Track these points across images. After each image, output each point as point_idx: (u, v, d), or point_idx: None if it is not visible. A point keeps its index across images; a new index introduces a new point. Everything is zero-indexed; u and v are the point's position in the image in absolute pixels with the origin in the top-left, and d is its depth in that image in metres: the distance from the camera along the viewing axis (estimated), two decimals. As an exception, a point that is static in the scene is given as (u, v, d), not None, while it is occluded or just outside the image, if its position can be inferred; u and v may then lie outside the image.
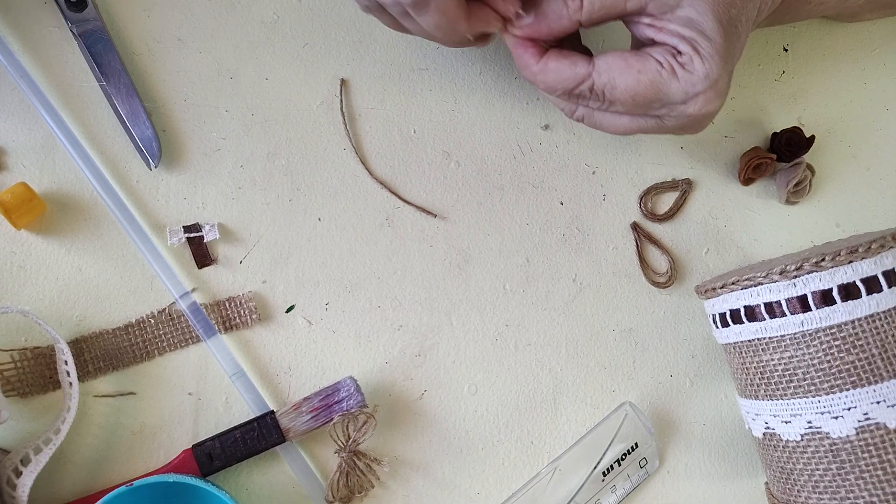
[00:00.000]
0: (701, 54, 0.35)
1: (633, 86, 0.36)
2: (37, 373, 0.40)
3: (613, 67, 0.36)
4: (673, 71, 0.35)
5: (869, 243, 0.36)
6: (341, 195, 0.45)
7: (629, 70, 0.35)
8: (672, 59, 0.35)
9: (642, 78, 0.35)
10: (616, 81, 0.36)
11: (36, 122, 0.42)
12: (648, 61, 0.36)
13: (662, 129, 0.39)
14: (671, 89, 0.36)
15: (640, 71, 0.35)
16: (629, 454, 0.43)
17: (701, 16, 0.35)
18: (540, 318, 0.45)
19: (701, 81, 0.35)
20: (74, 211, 0.42)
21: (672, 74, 0.35)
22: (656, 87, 0.35)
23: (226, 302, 0.42)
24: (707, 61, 0.35)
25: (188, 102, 0.44)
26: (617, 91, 0.36)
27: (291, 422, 0.40)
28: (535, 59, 0.37)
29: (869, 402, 0.36)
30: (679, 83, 0.35)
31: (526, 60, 0.37)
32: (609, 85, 0.36)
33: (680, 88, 0.35)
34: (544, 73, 0.37)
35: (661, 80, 0.35)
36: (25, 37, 0.43)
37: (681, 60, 0.35)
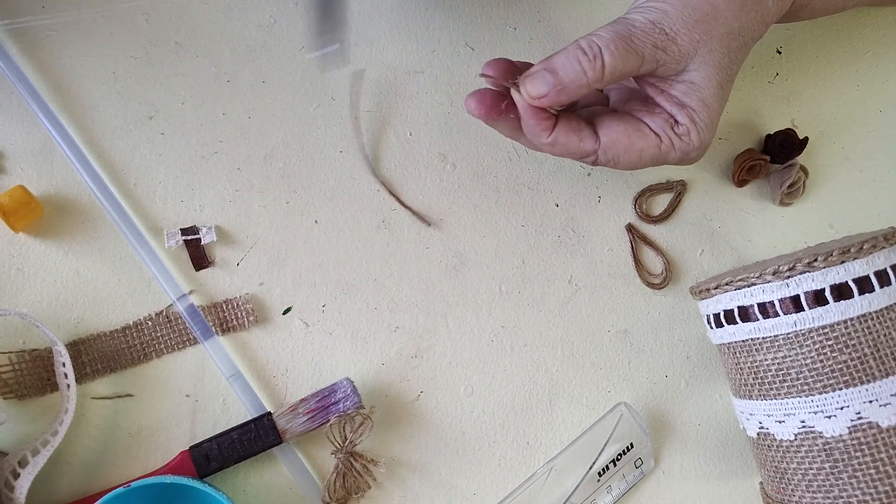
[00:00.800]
0: (697, 126, 0.37)
1: (635, 161, 0.38)
2: (34, 375, 0.40)
3: (618, 146, 0.38)
4: (672, 145, 0.38)
5: (861, 244, 0.37)
6: (338, 198, 0.45)
7: (632, 148, 0.38)
8: (670, 132, 0.38)
9: (644, 155, 0.38)
10: (620, 158, 0.38)
11: (34, 126, 0.42)
12: (649, 138, 0.38)
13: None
14: (669, 158, 0.38)
15: (643, 150, 0.38)
16: (624, 454, 0.44)
17: (705, 80, 0.37)
18: (535, 319, 0.45)
19: (695, 150, 0.38)
20: (72, 214, 0.42)
21: (671, 147, 0.38)
22: (656, 160, 0.38)
23: (223, 304, 0.43)
24: (702, 132, 0.38)
25: (185, 105, 0.44)
26: (620, 164, 0.39)
27: (288, 423, 0.41)
28: (547, 132, 0.37)
29: (861, 401, 0.36)
30: (676, 153, 0.38)
31: (538, 132, 0.38)
32: (613, 160, 0.38)
33: (676, 157, 0.38)
34: (552, 146, 0.38)
35: (661, 154, 0.38)
36: (22, 40, 0.43)
37: (678, 131, 0.38)
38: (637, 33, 0.36)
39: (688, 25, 0.36)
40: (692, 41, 0.36)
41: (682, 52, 0.36)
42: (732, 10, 0.37)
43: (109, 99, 0.43)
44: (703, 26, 0.36)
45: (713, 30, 0.36)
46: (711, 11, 0.36)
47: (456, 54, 0.47)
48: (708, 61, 0.37)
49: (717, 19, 0.36)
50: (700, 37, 0.36)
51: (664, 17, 0.36)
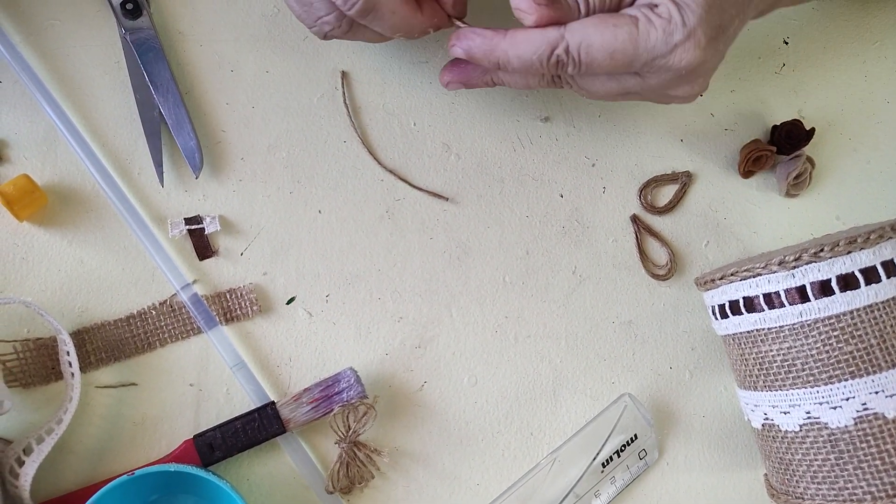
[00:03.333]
0: (678, 4, 0.34)
1: (609, 42, 0.34)
2: (39, 364, 0.40)
3: (587, 25, 0.34)
4: (649, 21, 0.34)
5: (868, 234, 0.36)
6: (341, 187, 0.45)
7: (604, 25, 0.34)
8: (648, 11, 0.34)
9: (619, 32, 0.34)
10: (591, 39, 0.34)
11: (38, 115, 0.42)
12: (623, 16, 0.34)
13: (646, 90, 0.37)
14: (650, 41, 0.34)
15: (616, 25, 0.34)
16: (628, 445, 0.44)
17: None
18: (540, 310, 0.45)
19: (679, 30, 0.34)
20: (76, 203, 0.42)
21: (649, 24, 0.34)
22: (634, 41, 0.34)
23: (227, 293, 0.43)
24: (684, 10, 0.34)
25: (189, 95, 0.44)
26: (593, 49, 0.34)
27: (292, 412, 0.41)
28: (502, 34, 0.35)
29: (867, 392, 0.36)
30: (658, 32, 0.34)
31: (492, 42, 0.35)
32: (584, 44, 0.34)
33: (659, 38, 0.34)
34: (515, 46, 0.35)
35: (639, 33, 0.34)
36: (26, 30, 0.43)
37: (658, 11, 0.34)
38: None
39: None
40: None
41: None
42: None
43: (113, 88, 0.43)
44: None
45: None
46: None
47: (460, 44, 0.47)
48: None
49: None
50: None
51: None
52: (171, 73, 0.43)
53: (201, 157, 0.43)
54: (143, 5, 0.43)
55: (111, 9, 0.43)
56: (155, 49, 0.43)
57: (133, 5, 0.43)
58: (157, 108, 0.43)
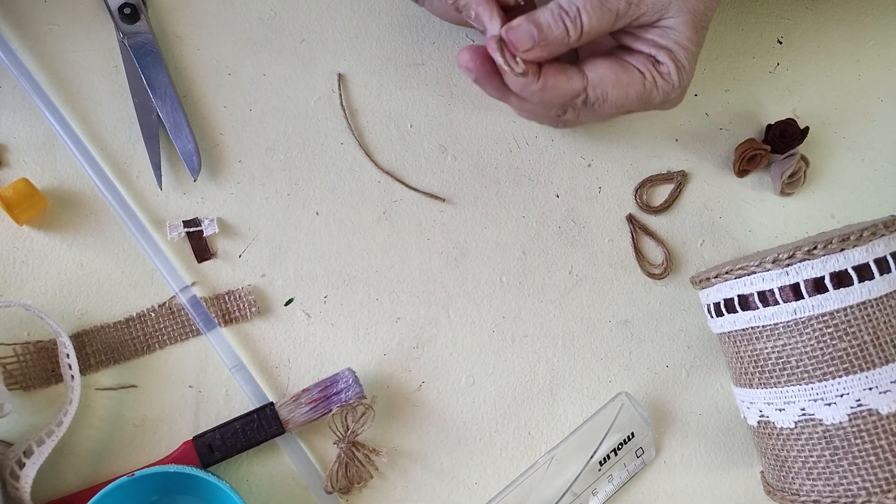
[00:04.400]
0: (678, 65, 0.39)
1: (622, 99, 0.39)
2: (39, 366, 0.41)
3: (606, 82, 0.39)
4: (654, 83, 0.39)
5: (860, 231, 0.37)
6: (339, 189, 0.45)
7: (619, 85, 0.39)
8: (654, 70, 0.39)
9: (631, 92, 0.39)
10: (608, 95, 0.39)
11: (37, 119, 0.43)
12: (634, 75, 0.39)
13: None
14: (652, 98, 0.39)
15: (629, 85, 0.39)
16: (625, 444, 0.44)
17: (681, 25, 0.38)
18: (536, 310, 0.46)
19: (676, 90, 0.39)
20: (75, 206, 0.43)
21: (654, 86, 0.39)
22: (641, 97, 0.39)
23: (225, 295, 0.43)
24: (682, 72, 0.39)
25: (187, 99, 0.44)
26: (607, 103, 0.39)
27: (291, 413, 0.41)
28: (535, 76, 0.38)
29: (861, 388, 0.36)
30: (658, 92, 0.39)
31: (528, 81, 0.38)
32: (601, 98, 0.39)
33: (659, 98, 0.39)
34: (543, 91, 0.38)
35: (645, 92, 0.39)
36: (25, 34, 0.43)
37: (660, 70, 0.39)
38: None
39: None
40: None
41: (655, 4, 0.37)
42: None
43: (111, 92, 0.44)
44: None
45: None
46: None
47: (457, 45, 0.47)
48: (683, 9, 0.38)
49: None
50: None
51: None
52: (169, 77, 0.43)
53: (199, 160, 0.43)
54: (141, 9, 0.43)
55: (109, 13, 0.43)
56: (153, 53, 0.43)
57: (131, 10, 0.43)
58: (155, 111, 0.43)
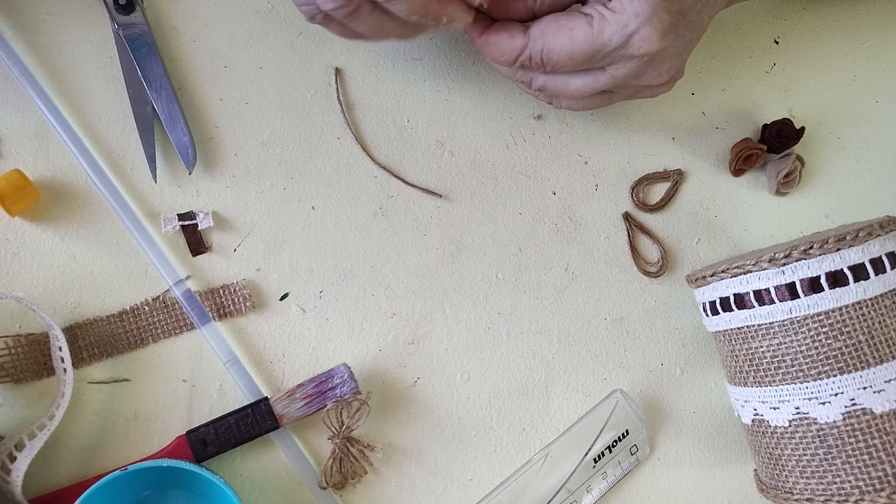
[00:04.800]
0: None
1: (567, 45, 0.36)
2: (31, 359, 0.40)
3: (547, 32, 0.36)
4: (603, 17, 0.35)
5: (856, 231, 0.37)
6: (335, 184, 0.45)
7: (561, 30, 0.36)
8: (601, 7, 0.36)
9: (575, 35, 0.35)
10: (551, 45, 0.36)
11: (30, 110, 0.42)
12: (578, 17, 0.36)
13: (617, 84, 0.38)
14: (605, 36, 0.35)
15: (572, 28, 0.36)
16: (620, 441, 0.44)
17: None
18: (532, 306, 0.46)
19: (632, 19, 0.35)
20: (69, 198, 0.42)
21: (602, 21, 0.35)
22: (590, 40, 0.35)
23: (220, 289, 0.43)
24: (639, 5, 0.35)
25: (182, 91, 0.44)
26: (554, 54, 0.36)
27: (285, 408, 0.41)
28: (479, 32, 0.38)
29: (855, 387, 0.36)
30: (611, 26, 0.35)
31: (470, 35, 0.39)
32: (545, 50, 0.36)
33: (614, 32, 0.35)
34: (486, 46, 0.38)
35: (593, 32, 0.35)
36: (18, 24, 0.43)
37: (611, 6, 0.35)
38: None
39: None
40: None
41: None
42: None
43: (106, 83, 0.43)
44: None
45: None
46: None
47: (453, 41, 0.47)
48: None
49: None
50: None
51: None
52: (165, 69, 0.43)
53: (194, 153, 0.43)
54: (137, 1, 0.43)
55: (104, 4, 0.43)
56: (148, 44, 0.43)
57: (126, 1, 0.43)
58: (150, 103, 0.43)
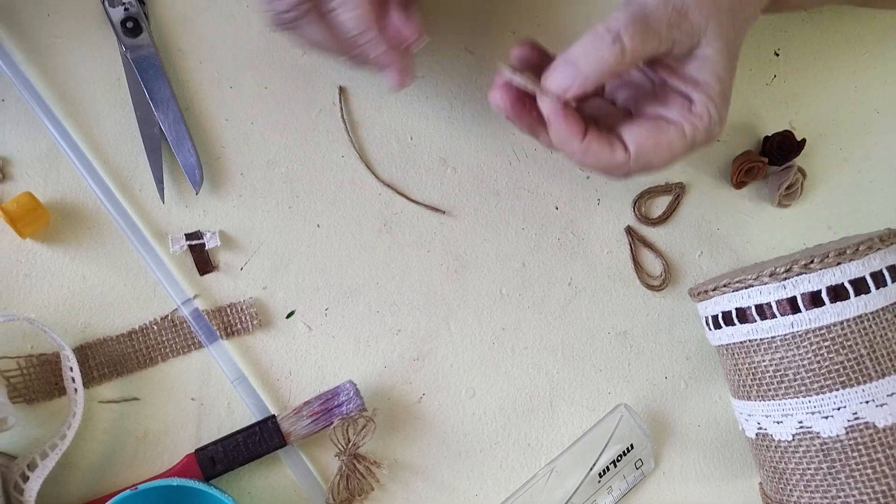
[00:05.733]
0: (714, 100, 0.37)
1: (667, 158, 0.38)
2: (43, 379, 0.41)
3: (647, 150, 0.37)
4: (695, 128, 0.37)
5: (856, 245, 0.37)
6: (340, 202, 0.45)
7: (660, 148, 0.37)
8: (689, 116, 0.37)
9: (674, 148, 0.37)
10: (652, 161, 0.38)
11: (40, 133, 0.43)
12: (671, 130, 0.37)
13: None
14: (697, 142, 0.38)
15: (671, 144, 0.37)
16: (625, 455, 0.44)
17: (717, 54, 0.37)
18: (536, 321, 0.46)
19: (717, 125, 0.38)
20: (78, 220, 0.43)
21: (695, 130, 0.37)
22: (686, 148, 0.38)
23: (227, 308, 0.43)
24: (719, 106, 0.37)
25: (188, 112, 0.45)
26: (655, 167, 0.38)
27: (292, 426, 0.41)
28: (580, 137, 0.37)
29: (858, 401, 0.37)
30: (702, 134, 0.37)
31: (571, 136, 0.37)
32: (646, 166, 0.38)
33: (703, 138, 0.38)
34: (584, 155, 0.37)
35: (688, 141, 0.37)
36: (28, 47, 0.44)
37: (696, 111, 0.37)
38: (652, 13, 0.36)
39: (697, 1, 0.36)
40: (703, 15, 0.36)
41: (694, 27, 0.36)
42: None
43: (114, 105, 0.44)
44: (710, 1, 0.36)
45: (720, 3, 0.36)
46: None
47: (456, 58, 0.47)
48: (718, 35, 0.37)
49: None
50: (709, 10, 0.36)
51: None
52: (171, 90, 0.44)
53: (201, 173, 0.43)
54: (143, 23, 0.44)
55: (112, 27, 0.44)
56: (155, 66, 0.44)
57: (133, 23, 0.43)
58: (157, 124, 0.43)
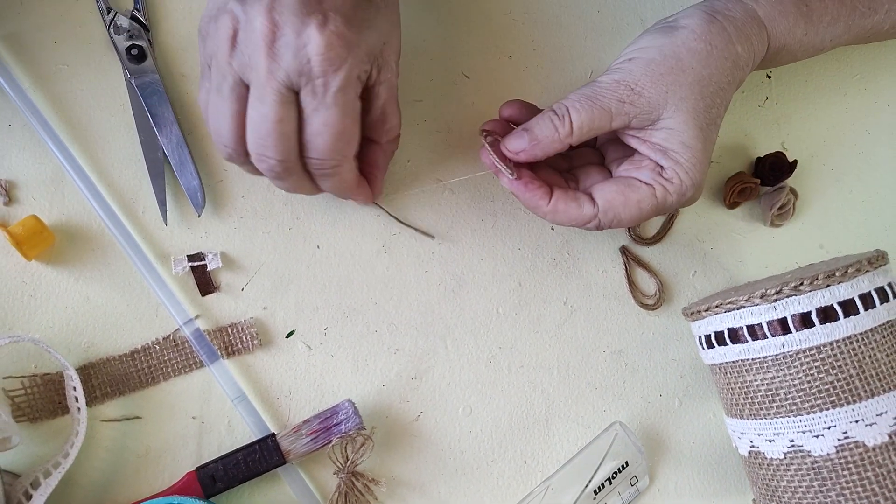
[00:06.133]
0: (683, 166, 0.39)
1: (636, 215, 0.40)
2: (46, 398, 0.42)
3: (615, 204, 0.40)
4: (666, 190, 0.40)
5: (845, 268, 0.38)
6: (339, 223, 0.46)
7: (629, 204, 0.40)
8: (660, 179, 0.40)
9: (643, 206, 0.40)
10: (621, 216, 0.40)
11: (46, 157, 0.44)
12: (641, 190, 0.40)
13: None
14: (668, 203, 0.40)
15: (640, 201, 0.40)
16: (620, 472, 0.45)
17: (681, 125, 0.39)
18: (532, 340, 0.47)
19: (689, 189, 0.40)
20: (83, 242, 0.44)
21: (665, 193, 0.40)
22: (655, 208, 0.40)
23: (228, 328, 0.44)
24: (689, 171, 0.39)
25: (192, 136, 0.45)
26: (623, 222, 0.40)
27: (292, 444, 0.42)
28: (545, 200, 0.40)
29: (848, 420, 0.37)
30: (673, 197, 0.40)
31: (536, 202, 0.41)
32: (616, 220, 0.40)
33: (675, 201, 0.40)
34: (554, 214, 0.41)
35: (659, 202, 0.40)
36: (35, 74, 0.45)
37: (666, 176, 0.40)
38: (602, 91, 0.39)
39: (653, 79, 0.39)
40: (659, 92, 0.39)
41: (650, 102, 0.39)
42: (699, 60, 0.39)
43: (119, 130, 0.45)
44: (670, 77, 0.39)
45: (681, 79, 0.39)
46: (676, 64, 0.39)
47: (453, 83, 0.48)
48: (681, 107, 0.39)
49: (684, 70, 0.39)
50: (668, 87, 0.39)
51: (628, 74, 0.39)
52: (175, 115, 0.45)
53: (204, 196, 0.44)
54: (148, 50, 0.45)
55: (117, 54, 0.45)
56: (159, 92, 0.45)
57: (138, 50, 0.45)
58: (160, 148, 0.44)
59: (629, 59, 0.40)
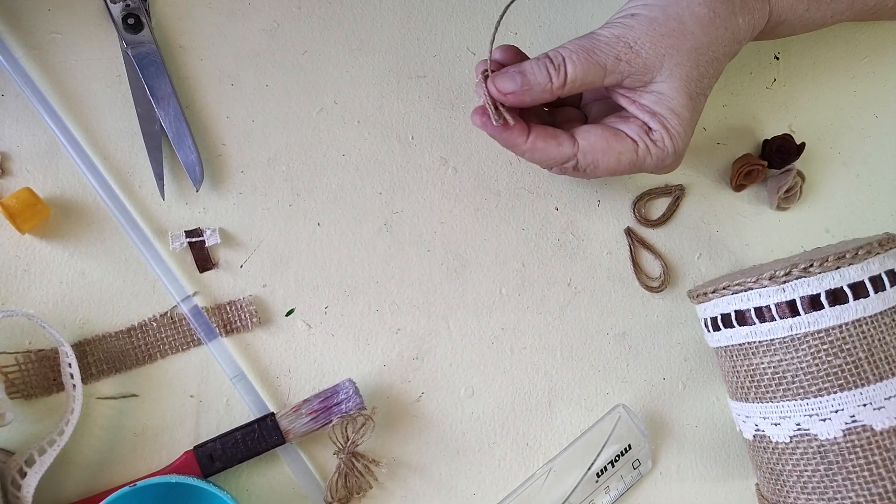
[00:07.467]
0: (670, 132, 0.39)
1: (613, 165, 0.40)
2: (41, 375, 0.41)
3: (596, 149, 0.39)
4: (648, 150, 0.39)
5: (856, 249, 0.37)
6: (340, 200, 0.45)
7: (610, 151, 0.39)
8: (646, 138, 0.39)
9: (622, 159, 0.39)
10: (599, 161, 0.40)
11: (40, 128, 0.43)
12: (626, 142, 0.39)
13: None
14: (646, 164, 0.40)
15: (621, 153, 0.39)
16: (622, 455, 0.44)
17: (673, 91, 0.38)
18: (535, 322, 0.46)
19: (670, 156, 0.40)
20: (78, 215, 0.43)
21: (647, 152, 0.39)
22: (633, 164, 0.40)
23: (227, 305, 0.43)
24: (675, 139, 0.39)
25: (189, 109, 0.44)
26: (599, 169, 0.40)
27: (291, 423, 0.41)
28: (523, 137, 0.39)
29: (856, 404, 0.37)
30: (652, 159, 0.40)
31: (514, 140, 0.40)
32: (592, 164, 0.40)
33: (652, 163, 0.40)
34: (532, 152, 0.40)
35: (638, 159, 0.39)
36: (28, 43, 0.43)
37: (653, 138, 0.39)
38: (600, 46, 0.38)
39: (653, 39, 0.38)
40: (657, 54, 0.38)
41: (646, 63, 0.38)
42: (700, 27, 0.38)
43: (114, 101, 0.44)
44: (669, 41, 0.38)
45: (680, 44, 0.38)
46: (678, 27, 0.38)
47: (458, 59, 0.48)
48: (675, 73, 0.38)
49: (685, 35, 0.38)
50: (666, 50, 0.38)
51: (629, 31, 0.38)
52: (172, 87, 0.44)
53: (202, 170, 0.43)
54: (145, 19, 0.44)
55: (113, 23, 0.43)
56: (156, 63, 0.44)
57: (135, 20, 0.43)
58: (158, 121, 0.43)
59: (632, 14, 0.39)
